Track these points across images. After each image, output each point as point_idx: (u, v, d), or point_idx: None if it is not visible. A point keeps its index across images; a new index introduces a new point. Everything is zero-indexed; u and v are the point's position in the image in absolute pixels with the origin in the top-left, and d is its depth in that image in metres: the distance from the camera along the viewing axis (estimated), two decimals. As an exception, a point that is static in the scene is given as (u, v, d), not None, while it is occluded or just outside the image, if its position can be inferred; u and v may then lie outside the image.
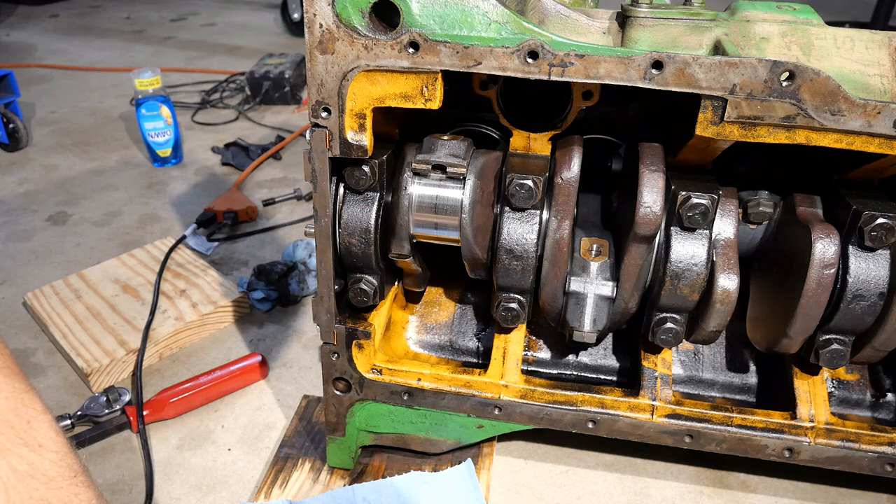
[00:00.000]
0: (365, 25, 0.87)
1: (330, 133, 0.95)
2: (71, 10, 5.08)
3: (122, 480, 1.31)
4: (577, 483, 1.31)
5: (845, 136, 0.88)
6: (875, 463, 1.12)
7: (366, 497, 1.20)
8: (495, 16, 0.86)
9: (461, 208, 1.05)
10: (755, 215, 1.12)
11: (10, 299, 1.84)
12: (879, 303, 1.00)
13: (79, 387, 1.53)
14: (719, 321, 1.04)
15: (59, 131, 2.91)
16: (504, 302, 1.12)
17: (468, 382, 1.18)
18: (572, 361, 1.33)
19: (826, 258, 0.97)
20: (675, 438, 1.16)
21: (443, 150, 1.06)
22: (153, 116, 2.49)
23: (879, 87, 0.94)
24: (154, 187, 2.46)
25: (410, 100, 0.92)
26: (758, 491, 1.30)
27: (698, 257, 1.03)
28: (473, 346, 1.35)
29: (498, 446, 1.37)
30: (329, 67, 0.90)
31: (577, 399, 1.16)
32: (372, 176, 1.03)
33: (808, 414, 1.14)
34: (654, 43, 0.99)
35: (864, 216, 0.97)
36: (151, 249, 1.93)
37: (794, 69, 0.83)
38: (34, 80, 3.51)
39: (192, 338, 1.67)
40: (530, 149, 1.12)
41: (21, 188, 2.45)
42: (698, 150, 1.00)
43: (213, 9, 5.12)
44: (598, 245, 1.11)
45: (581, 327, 1.07)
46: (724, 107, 0.87)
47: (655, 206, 0.99)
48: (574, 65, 0.86)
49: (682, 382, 1.31)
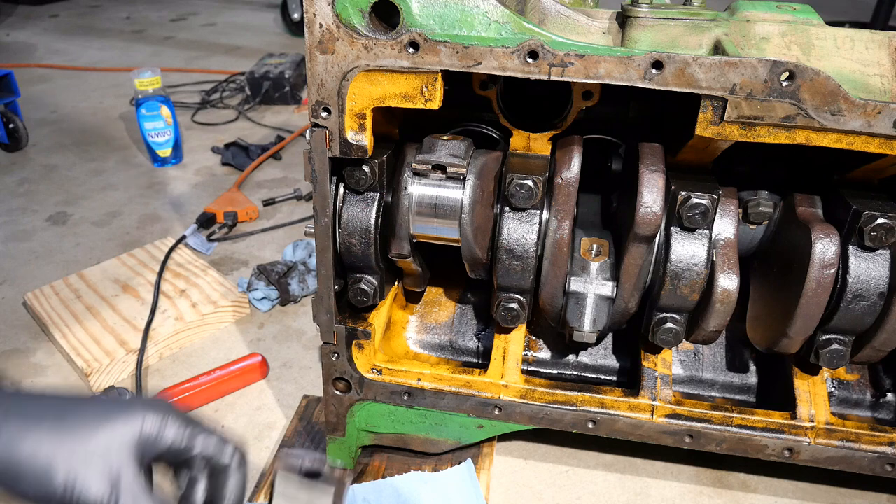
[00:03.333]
0: (365, 25, 0.87)
1: (330, 133, 0.95)
2: (71, 10, 5.08)
3: (122, 480, 1.31)
4: (577, 483, 1.31)
5: (845, 136, 0.88)
6: (875, 463, 1.12)
7: (366, 497, 1.20)
8: (495, 16, 0.86)
9: (461, 208, 1.05)
10: (755, 215, 1.12)
11: (10, 299, 1.84)
12: (879, 303, 1.00)
13: (79, 387, 1.53)
14: (719, 321, 1.04)
15: (59, 131, 2.91)
16: (504, 302, 1.12)
17: (468, 382, 1.18)
18: (572, 361, 1.33)
19: (826, 258, 0.97)
20: (675, 438, 1.16)
21: (443, 150, 1.06)
22: (153, 116, 2.49)
23: (879, 87, 0.94)
24: (154, 187, 2.46)
25: (410, 100, 0.92)
26: (758, 491, 1.30)
27: (698, 257, 1.03)
28: (473, 346, 1.35)
29: (498, 446, 1.37)
30: (329, 67, 0.90)
31: (577, 399, 1.16)
32: (372, 176, 1.03)
33: (808, 414, 1.14)
34: (654, 43, 0.99)
35: (864, 216, 0.97)
36: (151, 249, 1.93)
37: (794, 69, 0.83)
38: (34, 80, 3.51)
39: (192, 338, 1.67)
40: (530, 149, 1.12)
41: (21, 188, 2.45)
42: (698, 150, 1.00)
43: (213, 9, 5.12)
44: (598, 245, 1.11)
45: (581, 327, 1.07)
46: (724, 107, 0.87)
47: (655, 206, 0.99)
48: (574, 65, 0.86)
49: (682, 382, 1.31)
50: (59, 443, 0.61)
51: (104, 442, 0.62)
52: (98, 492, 0.61)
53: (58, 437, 0.61)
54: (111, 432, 0.63)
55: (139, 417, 0.65)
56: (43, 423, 0.62)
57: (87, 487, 0.61)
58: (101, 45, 4.21)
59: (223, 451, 0.69)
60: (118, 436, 0.63)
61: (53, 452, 0.61)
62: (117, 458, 0.63)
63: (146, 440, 0.65)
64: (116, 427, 0.63)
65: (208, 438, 0.68)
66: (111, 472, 0.62)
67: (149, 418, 0.65)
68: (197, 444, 0.67)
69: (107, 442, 0.62)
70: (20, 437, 0.61)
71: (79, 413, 0.64)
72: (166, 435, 0.66)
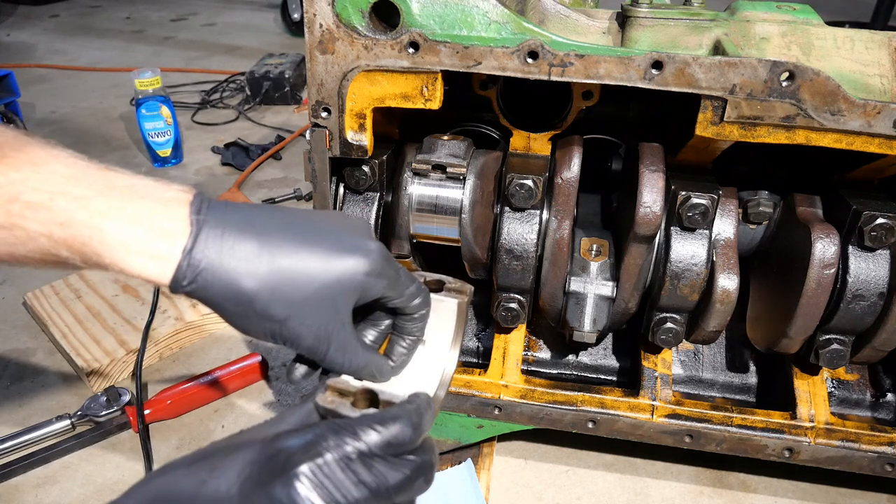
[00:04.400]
0: (365, 25, 0.87)
1: (330, 133, 0.95)
2: (71, 10, 5.08)
3: (122, 480, 1.31)
4: (577, 483, 1.31)
5: (845, 136, 0.88)
6: (875, 463, 1.12)
7: (366, 497, 1.20)
8: (495, 16, 0.86)
9: (461, 208, 1.05)
10: (755, 215, 1.12)
11: (10, 299, 1.83)
12: (879, 303, 1.00)
13: (79, 387, 1.53)
14: (719, 321, 1.04)
15: (59, 131, 2.91)
16: (504, 302, 1.12)
17: (468, 382, 1.18)
18: (572, 361, 1.33)
19: (826, 258, 0.97)
20: (675, 438, 1.16)
21: (443, 150, 1.06)
22: (153, 116, 2.49)
23: (879, 87, 0.94)
24: (154, 187, 2.46)
25: (410, 100, 0.92)
26: (758, 491, 1.30)
27: (698, 257, 1.03)
28: (473, 345, 1.35)
29: (498, 446, 1.37)
30: (329, 67, 0.90)
31: (577, 399, 1.16)
32: (372, 176, 1.03)
33: (808, 414, 1.14)
34: (654, 43, 0.99)
35: (864, 216, 0.97)
36: (151, 249, 1.93)
37: (794, 69, 0.83)
38: (34, 80, 3.50)
39: (192, 338, 1.67)
40: (530, 149, 1.12)
41: (21, 188, 2.45)
42: (698, 150, 1.00)
43: (213, 9, 5.12)
44: (598, 245, 1.11)
45: (581, 327, 1.07)
46: (723, 107, 0.87)
47: (655, 206, 0.99)
48: (574, 65, 0.86)
49: (682, 382, 1.31)
50: (278, 286, 0.63)
51: (323, 292, 0.64)
52: (310, 342, 0.66)
53: (277, 279, 0.63)
54: (333, 280, 0.65)
55: (359, 265, 0.66)
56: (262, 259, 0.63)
57: (300, 335, 0.65)
58: (101, 45, 4.21)
59: (421, 301, 0.73)
60: (338, 286, 0.65)
61: (272, 293, 0.63)
62: (332, 308, 0.65)
63: (362, 291, 0.67)
64: (337, 276, 0.65)
65: (409, 288, 0.71)
66: (325, 322, 0.65)
67: (365, 266, 0.66)
68: (403, 295, 0.71)
69: (326, 291, 0.64)
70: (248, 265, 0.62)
71: (302, 249, 0.64)
72: (377, 286, 0.68)
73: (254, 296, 0.62)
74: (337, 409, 0.65)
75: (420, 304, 0.73)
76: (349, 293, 0.66)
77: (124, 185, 0.63)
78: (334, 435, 0.58)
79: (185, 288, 0.62)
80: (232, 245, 0.62)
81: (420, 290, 0.73)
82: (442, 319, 0.78)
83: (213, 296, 0.63)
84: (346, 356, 0.69)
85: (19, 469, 1.30)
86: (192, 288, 0.62)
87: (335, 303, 0.66)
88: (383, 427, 0.60)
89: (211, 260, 0.61)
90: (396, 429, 0.60)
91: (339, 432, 0.58)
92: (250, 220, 0.64)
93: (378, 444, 0.58)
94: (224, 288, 0.62)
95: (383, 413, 0.62)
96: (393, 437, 0.60)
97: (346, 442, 0.57)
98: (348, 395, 0.69)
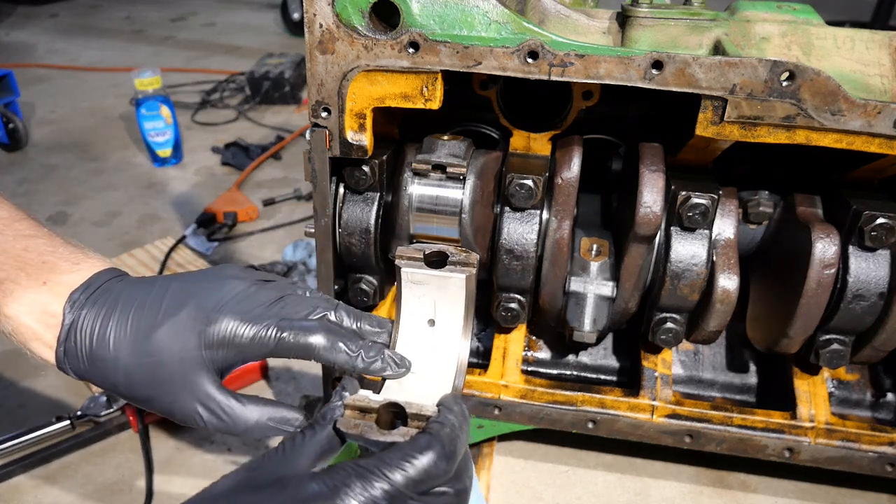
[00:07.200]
0: (365, 25, 0.87)
1: (330, 133, 0.95)
2: (71, 10, 5.08)
3: (122, 480, 1.31)
4: (577, 483, 1.31)
5: (845, 136, 0.87)
6: (875, 463, 1.12)
7: (366, 497, 1.20)
8: (495, 16, 0.85)
9: (461, 208, 1.05)
10: (755, 215, 1.12)
11: (10, 299, 1.83)
12: (879, 303, 1.00)
13: (79, 387, 1.53)
14: (719, 321, 1.04)
15: (59, 131, 2.91)
16: (504, 302, 1.11)
17: (468, 382, 1.18)
18: (572, 361, 1.33)
19: (826, 258, 0.97)
20: (675, 438, 1.16)
21: (443, 150, 1.06)
22: (153, 116, 2.49)
23: (879, 87, 0.94)
24: (154, 187, 2.46)
25: (410, 100, 0.92)
26: (758, 491, 1.30)
27: (698, 257, 1.03)
28: (473, 345, 1.35)
29: (498, 446, 1.37)
30: (329, 67, 0.90)
31: (577, 399, 1.16)
32: (372, 176, 1.03)
33: (808, 414, 1.14)
34: (654, 43, 0.98)
35: (864, 216, 0.96)
36: (151, 249, 1.93)
37: (794, 69, 0.83)
38: (34, 80, 3.50)
39: (192, 338, 1.67)
40: (530, 149, 1.12)
41: (21, 188, 2.45)
42: (698, 150, 1.00)
43: (213, 9, 5.12)
44: (598, 245, 1.11)
45: (581, 327, 1.07)
46: (724, 107, 0.87)
47: (655, 206, 0.99)
48: (574, 65, 0.86)
49: (682, 382, 1.31)
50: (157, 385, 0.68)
51: (173, 374, 0.68)
52: (179, 416, 0.69)
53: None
54: (176, 361, 0.68)
55: (191, 342, 0.68)
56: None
57: (169, 412, 0.69)
58: (100, 44, 4.21)
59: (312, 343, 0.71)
60: (182, 364, 0.68)
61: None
62: (188, 384, 0.68)
63: (210, 363, 0.69)
64: (179, 357, 0.68)
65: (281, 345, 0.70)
66: (187, 398, 0.68)
67: (195, 343, 0.68)
68: (271, 353, 0.70)
69: (176, 372, 0.68)
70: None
71: (158, 332, 0.68)
72: (225, 354, 0.70)
73: (118, 383, 0.68)
74: (363, 435, 0.60)
75: (314, 348, 0.69)
76: (195, 368, 0.67)
77: (37, 263, 0.69)
78: (360, 480, 0.54)
79: (70, 374, 0.69)
80: (103, 336, 0.67)
81: (311, 330, 0.69)
82: (450, 298, 0.72)
83: (91, 380, 0.69)
84: (224, 422, 0.68)
85: (19, 469, 1.30)
86: (74, 374, 0.69)
87: (187, 378, 0.67)
88: (412, 464, 0.55)
89: (85, 348, 0.68)
90: (428, 462, 0.56)
91: (364, 476, 0.54)
92: (126, 305, 0.68)
93: (408, 485, 0.55)
94: (94, 377, 0.69)
95: (413, 444, 0.57)
96: (425, 473, 0.56)
97: (374, 486, 0.54)
98: (370, 412, 0.63)
